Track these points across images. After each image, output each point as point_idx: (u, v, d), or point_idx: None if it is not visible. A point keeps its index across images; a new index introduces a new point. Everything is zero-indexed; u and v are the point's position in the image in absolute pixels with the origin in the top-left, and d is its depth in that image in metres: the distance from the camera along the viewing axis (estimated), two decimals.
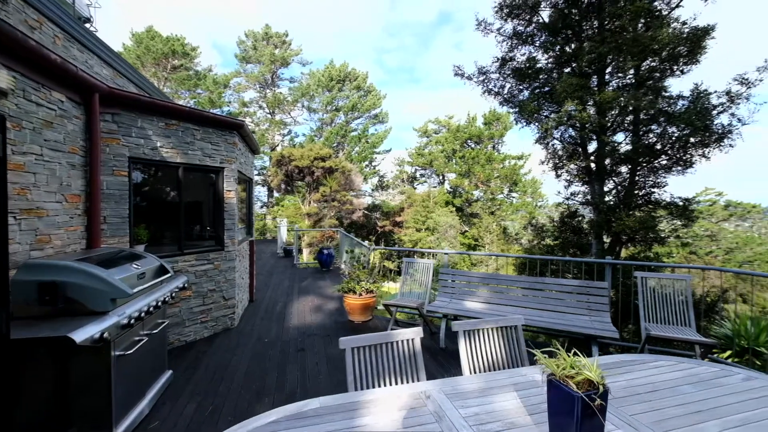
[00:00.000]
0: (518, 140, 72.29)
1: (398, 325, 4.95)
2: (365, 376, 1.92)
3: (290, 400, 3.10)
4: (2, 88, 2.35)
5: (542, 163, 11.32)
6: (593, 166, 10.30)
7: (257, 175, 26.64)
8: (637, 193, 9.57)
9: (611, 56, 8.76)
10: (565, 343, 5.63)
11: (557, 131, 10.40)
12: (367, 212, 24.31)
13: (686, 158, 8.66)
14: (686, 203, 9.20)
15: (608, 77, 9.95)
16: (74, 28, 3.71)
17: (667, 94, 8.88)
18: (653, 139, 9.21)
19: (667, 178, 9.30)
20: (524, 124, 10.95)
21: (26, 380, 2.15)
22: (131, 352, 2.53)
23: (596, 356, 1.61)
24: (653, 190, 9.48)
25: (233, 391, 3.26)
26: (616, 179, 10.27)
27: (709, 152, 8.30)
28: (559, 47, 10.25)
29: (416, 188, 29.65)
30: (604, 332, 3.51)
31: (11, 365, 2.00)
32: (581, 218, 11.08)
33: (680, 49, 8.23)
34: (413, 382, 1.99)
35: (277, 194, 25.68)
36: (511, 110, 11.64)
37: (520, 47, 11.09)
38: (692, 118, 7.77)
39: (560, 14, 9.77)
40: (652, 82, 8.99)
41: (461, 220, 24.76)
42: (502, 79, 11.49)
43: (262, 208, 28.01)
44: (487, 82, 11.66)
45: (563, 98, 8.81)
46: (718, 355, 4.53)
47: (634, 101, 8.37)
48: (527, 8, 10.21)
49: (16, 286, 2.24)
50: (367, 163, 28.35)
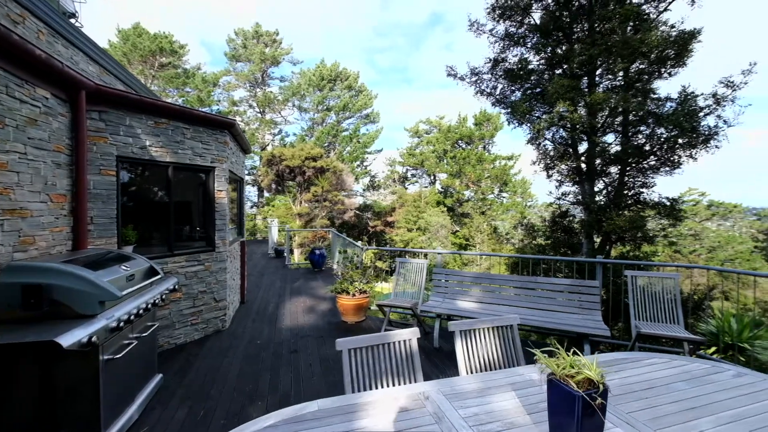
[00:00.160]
0: (508, 141, 73.09)
1: (392, 325, 4.94)
2: (362, 377, 1.90)
3: (284, 402, 3.06)
4: None
5: (534, 163, 11.46)
6: (584, 166, 10.45)
7: (247, 174, 26.34)
8: (626, 193, 9.74)
9: (601, 58, 8.90)
10: (564, 342, 5.69)
11: (549, 132, 10.52)
12: (358, 212, 24.27)
13: (674, 159, 8.86)
14: (673, 203, 9.41)
15: (598, 79, 10.11)
16: (59, 23, 3.60)
17: (655, 96, 9.07)
18: (642, 140, 9.39)
19: (655, 178, 9.51)
20: (516, 124, 11.06)
21: (11, 386, 2.08)
22: (120, 356, 2.47)
23: (596, 355, 1.62)
24: (642, 190, 9.68)
25: (225, 394, 3.21)
26: (606, 179, 10.44)
27: (696, 153, 8.51)
28: (550, 49, 10.37)
29: (407, 188, 29.73)
30: (595, 330, 3.55)
31: None
32: (572, 218, 11.24)
33: (668, 51, 8.42)
34: (410, 383, 1.97)
35: (267, 194, 25.44)
36: (503, 111, 11.74)
37: (512, 48, 11.19)
38: (680, 119, 7.96)
39: (551, 16, 9.88)
40: (640, 84, 9.17)
41: (452, 220, 24.89)
42: (494, 80, 11.58)
43: (252, 208, 27.72)
44: (479, 82, 11.73)
45: (555, 99, 8.93)
46: (705, 351, 4.64)
47: (623, 103, 8.53)
48: (519, 10, 10.31)
49: None
50: (358, 163, 28.29)
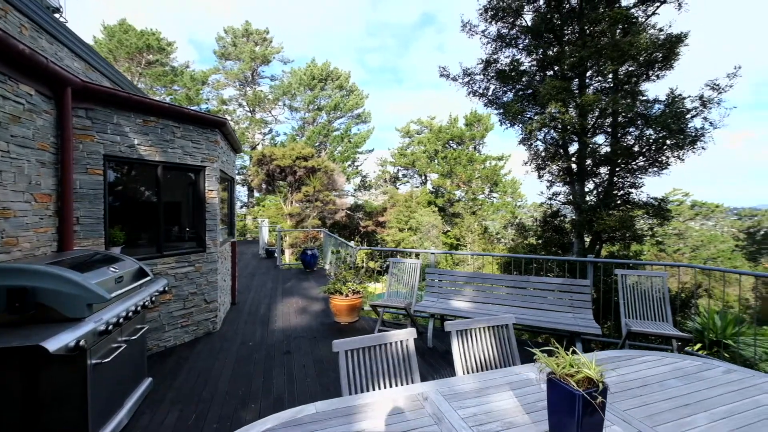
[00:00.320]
0: (498, 141, 73.87)
1: (385, 325, 4.92)
2: (359, 379, 1.88)
3: (277, 404, 3.03)
4: None
5: (525, 163, 11.57)
6: (574, 167, 10.59)
7: (237, 174, 26.01)
8: (616, 193, 9.90)
9: (592, 60, 9.04)
10: (555, 340, 5.76)
11: (540, 133, 10.64)
12: (349, 212, 24.20)
13: (662, 160, 9.05)
14: (661, 203, 9.62)
15: (588, 81, 10.27)
16: (43, 18, 3.50)
17: (644, 97, 9.25)
18: (631, 141, 9.56)
19: (643, 179, 9.69)
20: (508, 125, 11.15)
21: None
22: (109, 359, 2.40)
23: (594, 353, 1.64)
24: (631, 190, 9.86)
25: (217, 397, 3.15)
26: (596, 180, 10.60)
27: (683, 154, 8.70)
28: (541, 50, 10.49)
29: (399, 188, 29.77)
30: (587, 329, 3.60)
31: None
32: (563, 218, 11.38)
33: (656, 54, 8.60)
34: (407, 384, 1.97)
35: (257, 194, 25.18)
36: (495, 112, 11.82)
37: (504, 49, 11.26)
38: (668, 121, 8.13)
39: (543, 18, 9.98)
40: (629, 86, 9.35)
41: (443, 220, 25.00)
42: (486, 80, 11.64)
43: (241, 208, 27.41)
44: (471, 83, 11.78)
45: (547, 100, 9.03)
46: (692, 348, 4.74)
47: (613, 104, 8.68)
48: (511, 11, 10.39)
49: None
50: (349, 163, 28.20)
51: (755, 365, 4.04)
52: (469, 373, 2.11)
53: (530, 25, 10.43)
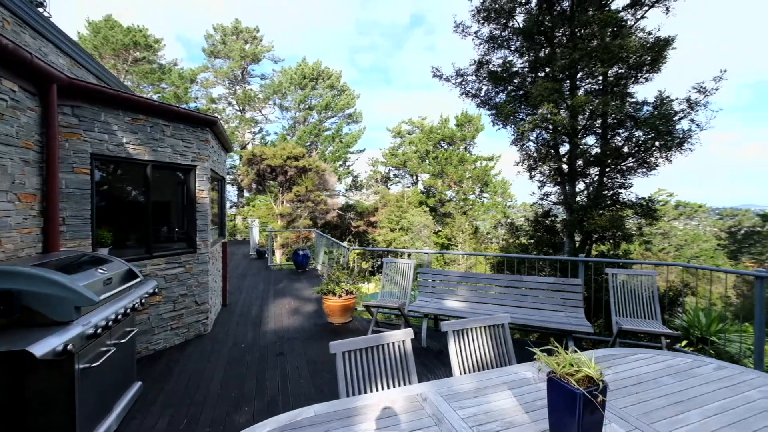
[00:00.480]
0: (489, 142, 74.53)
1: (379, 326, 4.91)
2: (357, 380, 1.87)
3: (271, 406, 2.99)
4: None
5: (517, 164, 11.68)
6: (565, 167, 10.74)
7: (227, 174, 25.69)
8: (606, 193, 10.08)
9: (582, 62, 9.19)
10: (548, 339, 5.82)
11: (532, 134, 10.77)
12: (341, 212, 24.11)
13: (650, 161, 9.25)
14: (649, 203, 9.83)
15: (578, 82, 10.43)
16: (26, 12, 3.39)
17: (633, 99, 9.46)
18: (620, 142, 9.76)
19: (632, 179, 9.90)
20: (501, 126, 11.26)
21: None
22: (97, 364, 2.34)
23: (593, 352, 1.66)
24: (620, 191, 10.05)
25: (209, 400, 3.10)
26: (586, 180, 10.78)
27: (671, 155, 8.91)
28: (533, 52, 10.62)
29: (390, 188, 29.78)
30: (579, 327, 3.64)
31: None
32: (554, 218, 11.53)
33: (645, 57, 8.79)
34: (405, 384, 1.96)
35: (247, 194, 24.90)
36: (488, 112, 11.92)
37: (496, 51, 11.37)
38: (656, 122, 8.32)
39: (534, 20, 10.11)
40: (619, 88, 9.54)
41: (434, 219, 25.10)
42: (478, 81, 11.72)
43: (231, 208, 27.06)
44: (464, 84, 11.86)
45: (539, 101, 9.14)
46: (679, 345, 4.85)
47: (603, 106, 8.85)
48: (504, 13, 10.49)
49: None
50: (340, 162, 28.09)
51: (740, 361, 4.14)
52: (466, 373, 2.11)
53: (522, 26, 10.54)
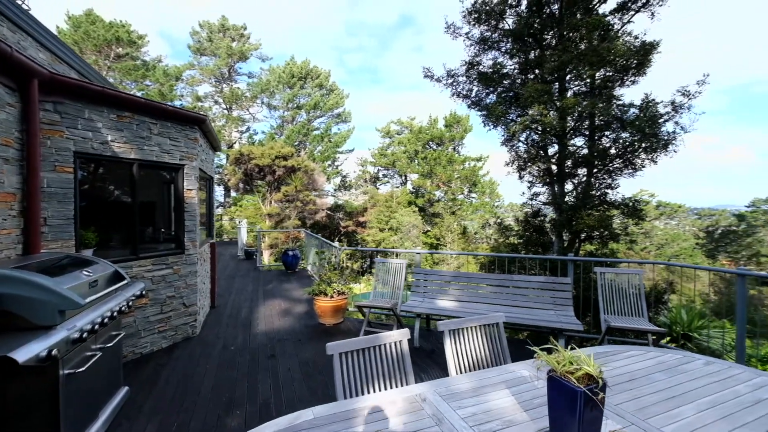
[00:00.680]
0: (477, 143, 75.30)
1: (371, 326, 4.89)
2: (354, 381, 1.85)
3: (264, 409, 2.94)
4: None
5: (507, 164, 11.83)
6: (554, 168, 10.93)
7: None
8: (593, 193, 10.30)
9: (572, 65, 9.37)
10: (538, 337, 5.89)
11: (522, 135, 10.92)
12: (330, 212, 23.98)
13: (636, 162, 9.50)
14: (635, 203, 10.10)
15: (567, 84, 10.64)
16: (4, 3, 3.25)
17: (619, 102, 9.71)
18: (608, 143, 10.00)
19: (618, 179, 10.16)
20: (492, 126, 11.38)
21: None
22: (83, 369, 2.26)
23: (592, 349, 1.68)
24: (607, 191, 10.29)
25: (200, 404, 3.03)
26: (574, 181, 10.99)
27: (656, 157, 9.16)
28: (523, 54, 10.77)
29: (379, 188, 29.75)
30: (569, 325, 3.70)
31: None
32: (543, 218, 11.71)
33: (632, 60, 9.02)
34: (402, 385, 1.95)
35: (234, 194, 24.54)
36: (479, 113, 12.03)
37: (487, 52, 11.49)
38: (642, 125, 8.55)
39: (524, 23, 10.27)
40: (606, 90, 9.77)
41: (423, 219, 25.19)
42: (469, 82, 11.83)
43: (218, 208, 26.60)
44: (455, 85, 11.95)
45: (529, 103, 9.28)
46: (664, 341, 4.98)
47: (591, 108, 9.04)
48: (494, 14, 10.61)
49: None
50: (329, 162, 27.93)
51: (722, 356, 4.28)
52: (462, 372, 2.12)
53: (512, 28, 10.68)
